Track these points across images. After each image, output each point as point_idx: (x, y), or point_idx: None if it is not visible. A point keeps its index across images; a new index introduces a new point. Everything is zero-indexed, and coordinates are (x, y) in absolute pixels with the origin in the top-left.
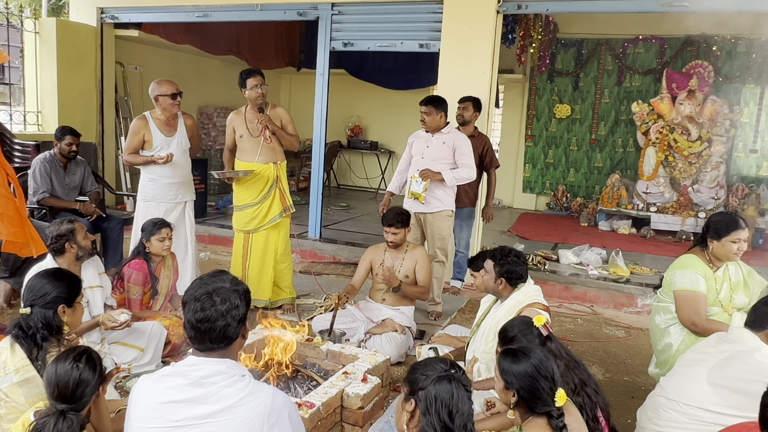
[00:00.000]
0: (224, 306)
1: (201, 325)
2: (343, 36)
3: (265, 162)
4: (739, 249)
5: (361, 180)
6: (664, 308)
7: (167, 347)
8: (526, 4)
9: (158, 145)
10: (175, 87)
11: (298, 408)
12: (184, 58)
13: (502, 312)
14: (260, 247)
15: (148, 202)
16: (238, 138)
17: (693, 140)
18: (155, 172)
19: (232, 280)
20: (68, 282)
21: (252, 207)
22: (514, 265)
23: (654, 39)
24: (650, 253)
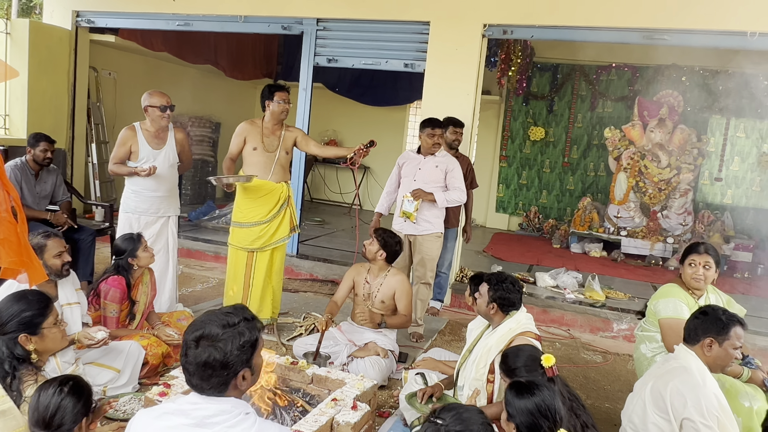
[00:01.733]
0: (203, 356)
1: (185, 369)
2: (327, 52)
3: (277, 181)
4: (695, 273)
5: (335, 195)
6: (650, 337)
7: (145, 368)
8: (512, 29)
9: (144, 156)
10: (167, 99)
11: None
12: (160, 65)
13: (494, 339)
14: (264, 267)
15: (128, 213)
16: (250, 151)
17: (663, 167)
18: (139, 185)
19: (232, 325)
20: (29, 307)
21: (261, 225)
22: (508, 292)
23: (626, 67)
24: (621, 277)
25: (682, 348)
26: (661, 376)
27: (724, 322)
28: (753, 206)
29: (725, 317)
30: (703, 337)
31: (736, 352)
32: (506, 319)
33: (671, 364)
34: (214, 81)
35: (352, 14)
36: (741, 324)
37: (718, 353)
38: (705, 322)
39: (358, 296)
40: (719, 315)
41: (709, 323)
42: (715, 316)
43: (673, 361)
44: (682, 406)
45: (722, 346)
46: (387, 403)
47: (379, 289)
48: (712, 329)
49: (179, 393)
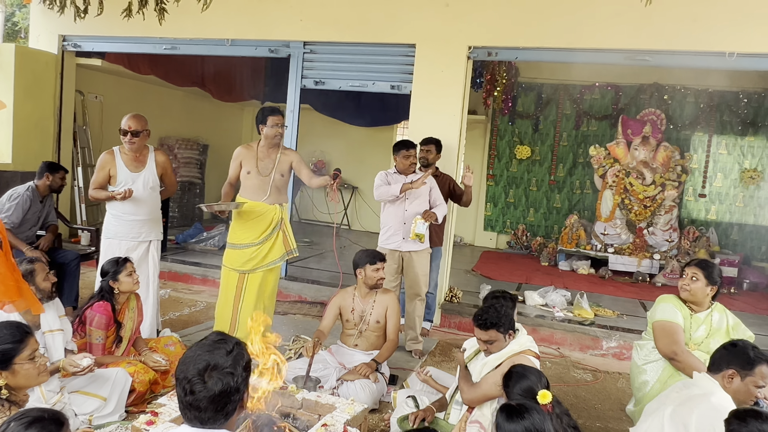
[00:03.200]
0: (218, 387)
1: (191, 407)
2: (314, 74)
3: (272, 203)
4: (682, 282)
5: (323, 215)
6: (642, 345)
7: (132, 395)
8: (497, 51)
9: (122, 180)
10: (129, 124)
11: None
12: (147, 88)
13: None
14: (255, 289)
15: (110, 239)
16: (245, 174)
17: (647, 184)
18: (118, 209)
19: (230, 352)
20: (1, 340)
21: (252, 247)
22: (508, 317)
23: (609, 86)
24: (609, 294)
25: (704, 376)
26: (683, 404)
27: (752, 357)
28: (737, 221)
29: (753, 353)
30: (726, 368)
31: (757, 391)
32: (510, 341)
33: (693, 391)
34: (202, 103)
35: (339, 37)
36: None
37: (738, 387)
38: (731, 353)
39: (348, 322)
40: (748, 350)
41: (735, 355)
42: (744, 350)
43: (695, 388)
44: (705, 430)
45: (744, 381)
46: (378, 426)
47: (373, 308)
48: (736, 362)
49: (167, 421)
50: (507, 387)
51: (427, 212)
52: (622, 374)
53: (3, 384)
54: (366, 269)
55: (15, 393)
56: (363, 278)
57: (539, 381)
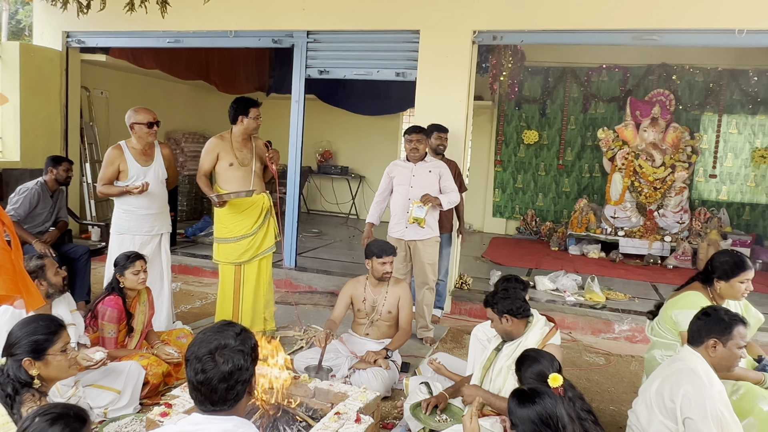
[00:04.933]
0: (228, 367)
1: (202, 387)
2: (318, 64)
3: (258, 192)
4: (747, 289)
5: (331, 205)
6: (666, 345)
7: (145, 388)
8: (501, 35)
9: (134, 175)
10: (152, 115)
11: None
12: (152, 82)
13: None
14: (253, 279)
15: (122, 234)
16: (226, 167)
17: (657, 166)
18: (131, 203)
19: (238, 334)
20: (37, 331)
21: (248, 238)
22: (505, 298)
23: (617, 68)
24: (620, 277)
25: (687, 349)
26: (666, 378)
27: (727, 322)
28: (748, 201)
29: (728, 317)
30: (707, 338)
31: (740, 352)
32: (530, 327)
33: (677, 365)
34: (207, 96)
35: (342, 26)
36: (743, 323)
37: (722, 353)
38: (708, 323)
39: (359, 312)
40: (722, 315)
41: (712, 324)
42: (718, 317)
43: (679, 362)
44: (687, 407)
45: (726, 347)
46: (391, 414)
47: (386, 299)
48: (715, 330)
49: (181, 413)
50: (519, 371)
51: (424, 196)
52: (635, 357)
53: (36, 374)
54: (373, 261)
55: (45, 384)
56: (371, 270)
57: (551, 365)
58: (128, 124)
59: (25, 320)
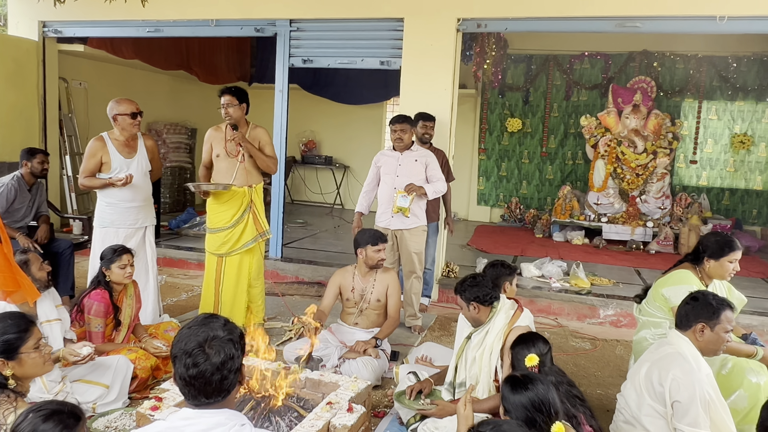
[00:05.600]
0: (219, 358)
1: (195, 381)
2: (302, 52)
3: (240, 185)
4: (734, 269)
5: (315, 195)
6: (655, 323)
7: (134, 382)
8: (486, 23)
9: (117, 167)
10: (135, 106)
11: None
12: (132, 73)
13: (491, 338)
14: (234, 272)
15: (105, 228)
16: (215, 157)
17: (639, 152)
18: (114, 196)
19: (224, 325)
20: (7, 330)
21: (224, 231)
22: (473, 286)
23: (599, 55)
24: (604, 263)
25: (674, 333)
26: (655, 362)
27: (715, 306)
28: (728, 186)
29: (715, 302)
30: (695, 322)
31: (727, 336)
32: (495, 313)
33: (665, 349)
34: (188, 86)
35: (326, 14)
36: (731, 308)
37: (710, 338)
38: (696, 307)
39: (348, 301)
40: (709, 300)
41: (700, 308)
42: (706, 302)
43: (667, 346)
44: (676, 390)
45: (714, 331)
46: (381, 402)
47: (374, 287)
48: (703, 314)
49: (171, 406)
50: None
51: (408, 185)
52: (620, 341)
53: (10, 374)
54: (367, 249)
55: (21, 383)
56: (364, 258)
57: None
58: (110, 116)
59: None
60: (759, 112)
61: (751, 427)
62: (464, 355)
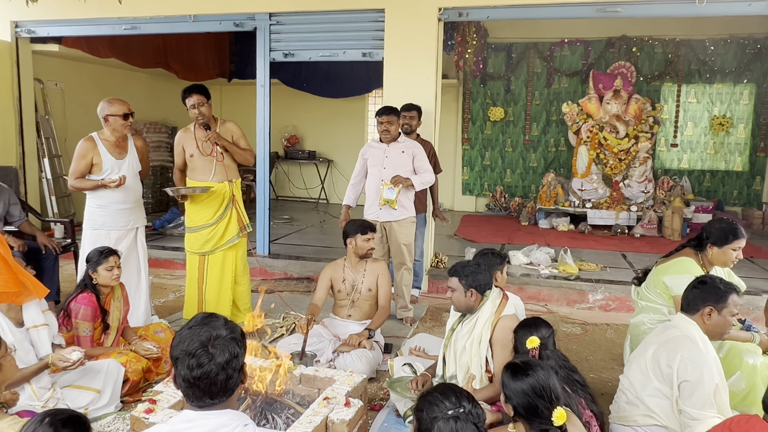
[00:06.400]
0: (224, 357)
1: (200, 382)
2: (283, 46)
3: (219, 181)
4: (737, 257)
5: (300, 191)
6: (654, 309)
7: (126, 385)
8: (467, 11)
9: (108, 168)
10: (127, 106)
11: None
12: (109, 72)
13: (480, 327)
14: (217, 270)
15: (97, 230)
16: (189, 157)
17: (621, 138)
18: (105, 198)
19: (225, 324)
20: None
21: (208, 228)
22: (477, 273)
23: (578, 42)
24: (591, 248)
25: (681, 317)
26: (662, 344)
27: (723, 290)
28: (708, 168)
29: (723, 286)
30: (703, 306)
31: (733, 319)
32: (484, 302)
33: (672, 332)
34: (167, 84)
35: (305, 6)
36: (737, 292)
37: (717, 321)
38: (704, 291)
39: (340, 293)
40: (717, 284)
41: (708, 292)
42: (714, 285)
43: (674, 329)
44: (684, 371)
45: (721, 314)
46: (377, 395)
47: (365, 277)
48: (711, 298)
49: (166, 408)
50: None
51: (395, 177)
52: (610, 325)
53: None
54: (357, 239)
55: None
56: (354, 248)
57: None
58: (101, 116)
59: None
60: (737, 94)
61: (749, 409)
62: (452, 345)
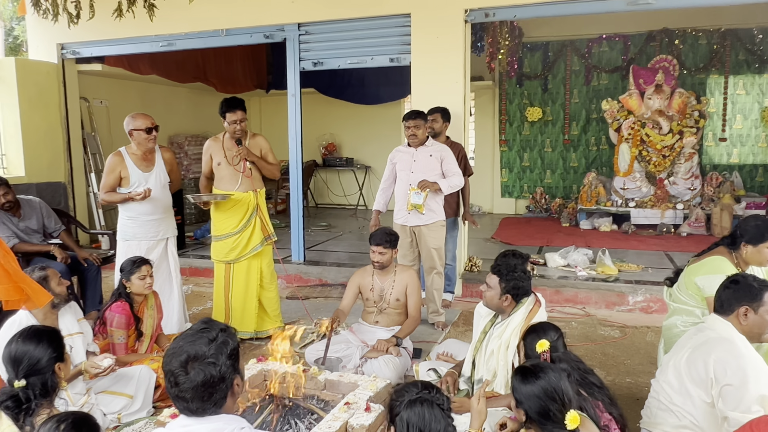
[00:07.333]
0: (200, 378)
1: (179, 398)
2: (312, 56)
3: (245, 190)
4: None
5: (339, 198)
6: (687, 311)
7: (158, 391)
8: (494, 11)
9: (135, 181)
10: (151, 121)
11: None
12: (151, 88)
13: (509, 332)
14: (242, 278)
15: (128, 241)
16: (216, 166)
17: (664, 133)
18: (134, 210)
19: (213, 340)
20: (52, 337)
21: (232, 236)
22: (520, 281)
23: (617, 37)
24: (634, 249)
25: (715, 318)
26: (697, 347)
27: (757, 288)
28: (761, 163)
29: (757, 284)
30: (738, 306)
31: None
32: (518, 308)
33: (707, 334)
34: (206, 98)
35: (332, 15)
36: None
37: (754, 321)
38: (737, 290)
39: (368, 300)
40: (750, 282)
41: (742, 291)
42: (747, 284)
43: (709, 331)
44: (723, 374)
45: (758, 313)
46: None
47: (393, 287)
48: (745, 297)
49: None
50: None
51: (422, 182)
52: (651, 328)
53: (62, 376)
54: (370, 250)
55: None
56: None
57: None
58: (127, 131)
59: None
60: None
61: None
62: (483, 348)
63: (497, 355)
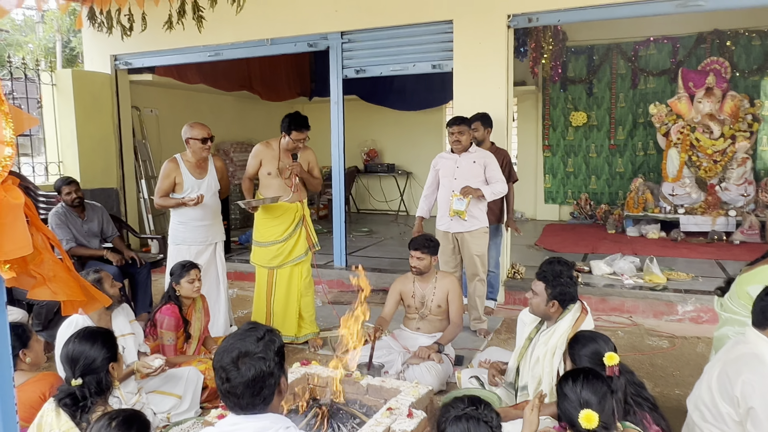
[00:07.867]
0: (251, 373)
1: (229, 394)
2: (354, 63)
3: (293, 201)
4: None
5: (380, 203)
6: (740, 322)
7: (205, 392)
8: (537, 16)
9: (189, 187)
10: (207, 131)
11: None
12: (198, 97)
13: (555, 339)
14: (285, 283)
15: (179, 245)
16: (265, 174)
17: (716, 138)
18: (186, 215)
19: (260, 339)
20: (107, 338)
21: (277, 244)
22: (567, 287)
23: (665, 39)
24: (683, 257)
25: (752, 332)
26: (729, 363)
27: None
28: None
29: None
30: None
31: None
32: (564, 314)
33: (740, 348)
34: (252, 105)
35: (375, 23)
36: None
37: None
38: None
39: (410, 307)
40: None
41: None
42: None
43: (743, 345)
44: (750, 395)
45: None
46: None
47: (434, 294)
48: None
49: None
50: (572, 351)
51: (464, 188)
52: (701, 338)
53: (116, 375)
54: (410, 255)
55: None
56: None
57: (606, 345)
58: (184, 139)
59: (87, 338)
60: None
61: None
62: (528, 355)
63: (542, 362)
